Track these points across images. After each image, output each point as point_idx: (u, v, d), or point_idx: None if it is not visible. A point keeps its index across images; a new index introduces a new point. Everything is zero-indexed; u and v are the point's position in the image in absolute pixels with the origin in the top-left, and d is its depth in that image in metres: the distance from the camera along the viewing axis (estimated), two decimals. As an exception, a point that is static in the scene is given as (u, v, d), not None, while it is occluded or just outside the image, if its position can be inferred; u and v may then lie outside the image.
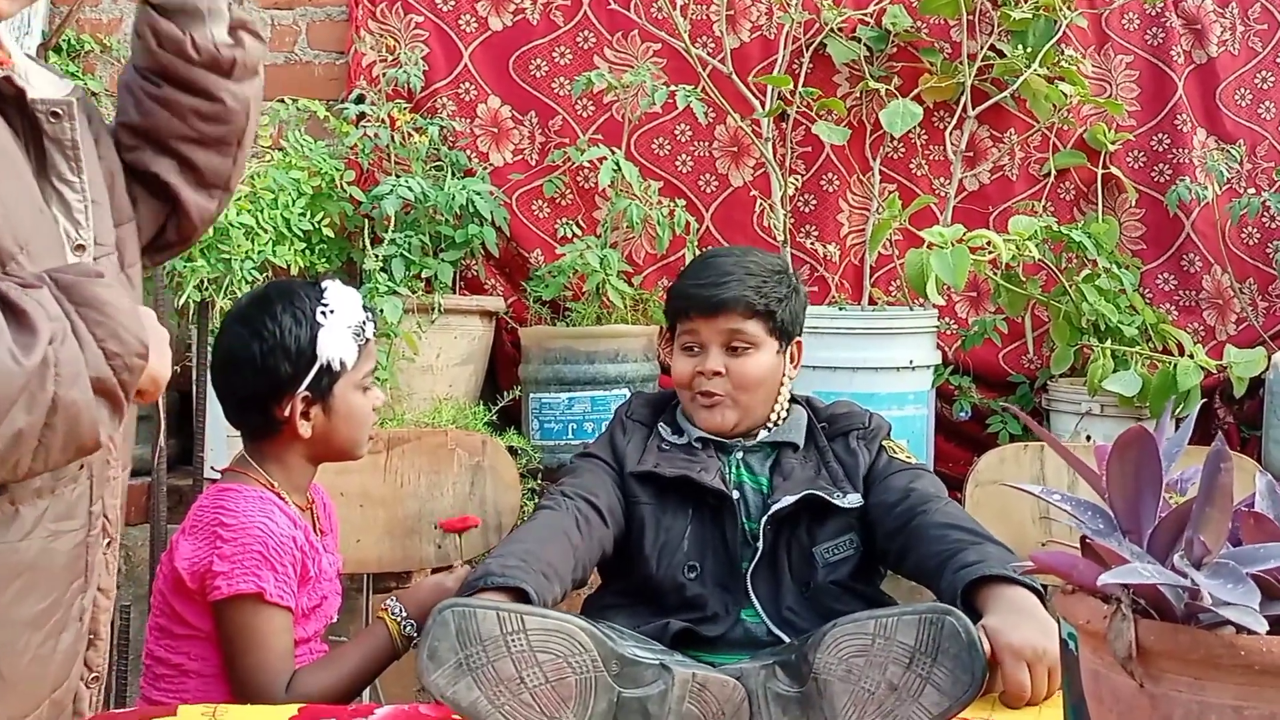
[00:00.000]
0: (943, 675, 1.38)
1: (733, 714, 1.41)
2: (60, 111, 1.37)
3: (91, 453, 1.26)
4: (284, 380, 1.91)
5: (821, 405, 2.15)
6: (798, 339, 2.12)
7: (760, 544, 1.95)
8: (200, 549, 1.86)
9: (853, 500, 1.97)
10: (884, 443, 2.06)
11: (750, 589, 1.95)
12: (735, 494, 2.00)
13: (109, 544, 1.46)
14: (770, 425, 2.08)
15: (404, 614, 1.95)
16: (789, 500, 1.94)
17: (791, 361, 2.11)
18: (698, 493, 1.98)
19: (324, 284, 1.97)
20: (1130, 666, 0.93)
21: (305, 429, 1.93)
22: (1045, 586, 1.67)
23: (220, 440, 3.09)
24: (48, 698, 1.37)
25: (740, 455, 2.05)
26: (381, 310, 2.93)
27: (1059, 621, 1.19)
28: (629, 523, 2.00)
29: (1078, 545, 1.07)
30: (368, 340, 1.97)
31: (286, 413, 1.92)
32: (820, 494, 1.95)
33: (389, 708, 1.52)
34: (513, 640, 1.34)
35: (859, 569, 1.98)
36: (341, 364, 1.92)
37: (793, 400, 2.13)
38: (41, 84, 1.43)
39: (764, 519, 1.96)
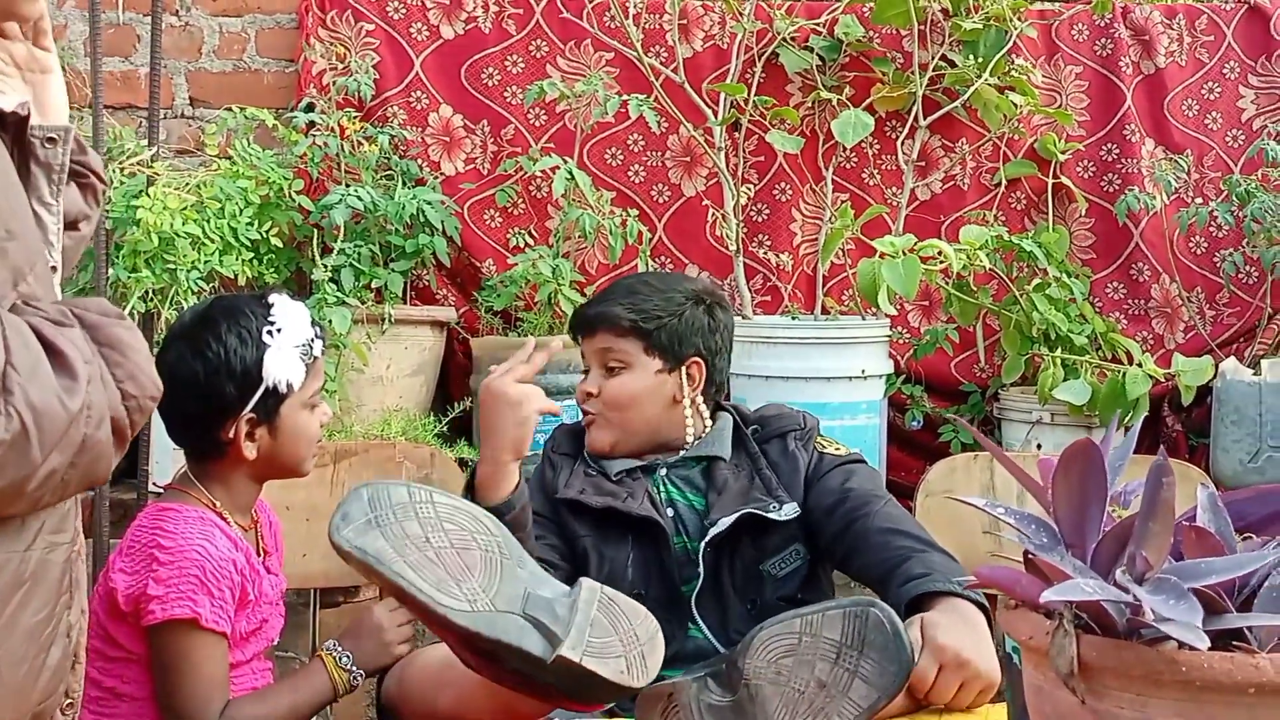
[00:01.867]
0: (870, 667, 1.38)
1: (648, 640, 1.40)
2: (56, 137, 1.37)
3: (99, 485, 1.29)
4: (229, 402, 1.85)
5: (748, 410, 2.12)
6: (695, 359, 2.04)
7: (701, 568, 1.92)
8: (136, 571, 1.82)
9: (789, 511, 1.94)
10: (816, 440, 2.05)
11: (695, 613, 1.92)
12: (670, 511, 1.97)
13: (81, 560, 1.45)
14: (688, 442, 2.04)
15: (339, 648, 1.91)
16: (725, 524, 1.90)
17: (690, 382, 2.04)
18: (630, 521, 1.95)
19: (271, 299, 1.91)
20: (1072, 683, 0.92)
21: (251, 450, 1.88)
22: (993, 597, 1.67)
23: (165, 454, 3.03)
24: (31, 712, 1.36)
25: (664, 473, 2.02)
26: (330, 321, 2.90)
27: (1003, 637, 1.18)
28: (575, 557, 1.96)
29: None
30: (315, 358, 1.92)
31: (231, 434, 1.87)
32: (755, 510, 1.92)
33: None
34: (421, 508, 1.38)
35: (808, 579, 1.97)
36: (289, 385, 1.87)
37: (719, 408, 2.10)
38: None
39: (703, 543, 1.92)
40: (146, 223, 2.77)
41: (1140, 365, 2.99)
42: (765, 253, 3.55)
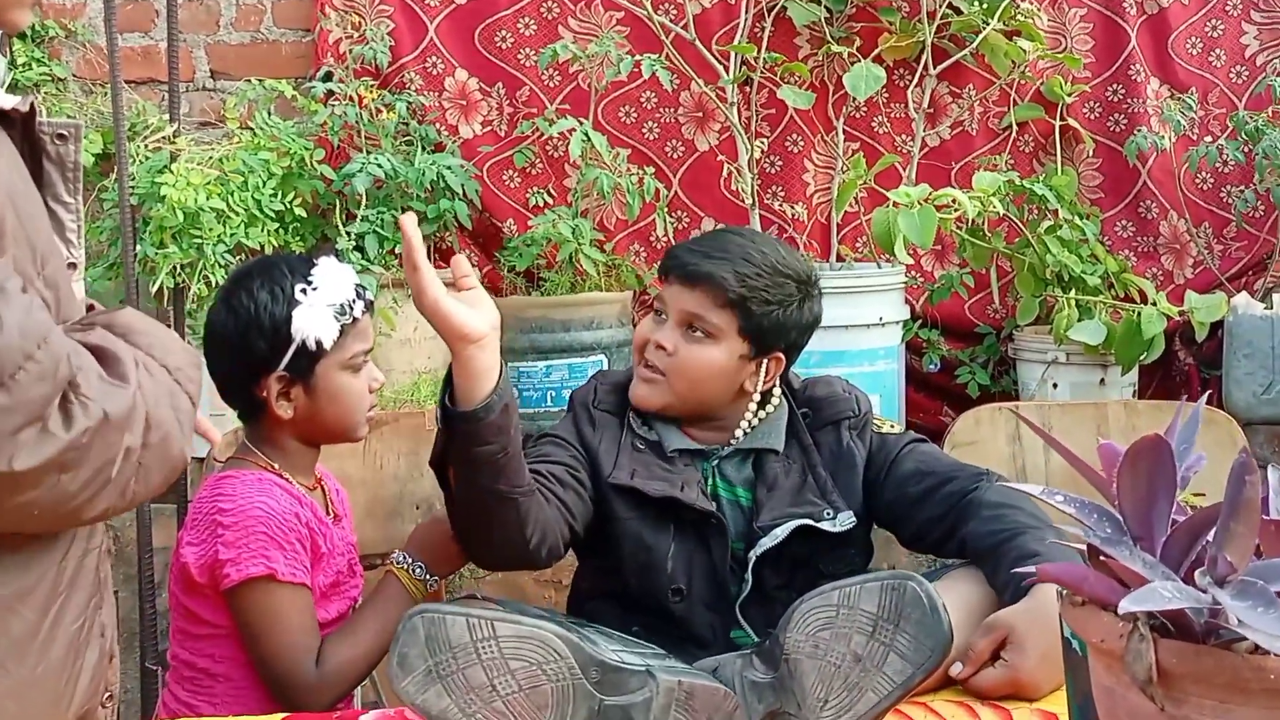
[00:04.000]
0: (905, 642, 1.29)
1: None
2: (66, 134, 1.30)
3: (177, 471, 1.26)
4: (260, 359, 1.77)
5: (797, 385, 1.91)
6: (779, 354, 1.83)
7: (749, 576, 1.76)
8: (203, 541, 1.74)
9: (844, 521, 1.76)
10: (873, 423, 1.87)
11: (741, 617, 1.77)
12: (713, 505, 1.78)
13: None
14: (744, 430, 1.84)
15: (410, 559, 1.82)
16: (778, 536, 1.74)
17: (765, 375, 1.83)
18: (677, 510, 1.77)
19: (317, 259, 1.81)
20: (1150, 690, 0.83)
21: (285, 409, 1.79)
22: None
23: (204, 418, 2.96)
24: (76, 715, 1.29)
25: (715, 463, 1.83)
26: (358, 288, 2.80)
27: (1061, 620, 1.09)
28: (608, 537, 1.80)
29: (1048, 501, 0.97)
30: (355, 319, 1.80)
31: (265, 393, 1.78)
32: (810, 521, 1.75)
33: (375, 713, 1.42)
34: (483, 647, 1.22)
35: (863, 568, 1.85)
36: (318, 343, 1.76)
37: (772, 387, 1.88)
38: None
39: (751, 551, 1.75)
40: (171, 199, 2.67)
41: (1154, 304, 2.88)
42: (780, 204, 3.43)
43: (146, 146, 2.93)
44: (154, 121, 3.15)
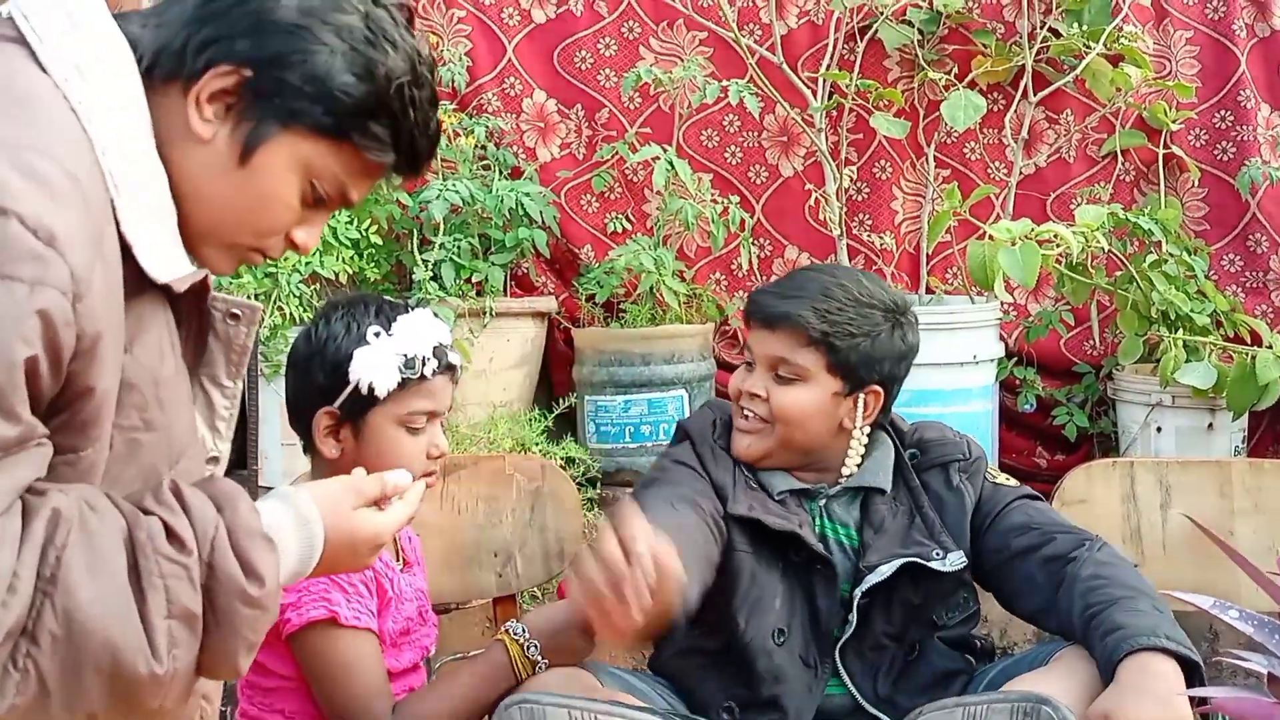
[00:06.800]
0: None
1: None
2: (240, 314, 1.21)
3: None
4: (318, 390, 1.72)
5: (905, 428, 1.87)
6: (875, 387, 1.77)
7: (854, 616, 1.70)
8: None
9: (955, 561, 1.71)
10: (986, 470, 1.81)
11: (840, 664, 1.71)
12: (819, 547, 1.73)
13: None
14: (850, 469, 1.80)
15: (527, 634, 1.73)
16: (884, 572, 1.68)
17: (865, 410, 1.77)
18: (793, 549, 1.72)
19: (410, 307, 1.75)
20: None
21: (332, 449, 1.73)
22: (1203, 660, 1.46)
23: (274, 447, 2.94)
24: None
25: (822, 503, 1.78)
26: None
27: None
28: (725, 570, 1.73)
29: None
30: (423, 377, 1.74)
31: (314, 428, 1.73)
32: (918, 560, 1.69)
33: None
34: None
35: (972, 617, 1.77)
36: (371, 390, 1.69)
37: (875, 426, 1.83)
38: None
39: (856, 590, 1.70)
40: (247, 227, 2.64)
41: (1270, 347, 2.75)
42: (867, 234, 3.34)
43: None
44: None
